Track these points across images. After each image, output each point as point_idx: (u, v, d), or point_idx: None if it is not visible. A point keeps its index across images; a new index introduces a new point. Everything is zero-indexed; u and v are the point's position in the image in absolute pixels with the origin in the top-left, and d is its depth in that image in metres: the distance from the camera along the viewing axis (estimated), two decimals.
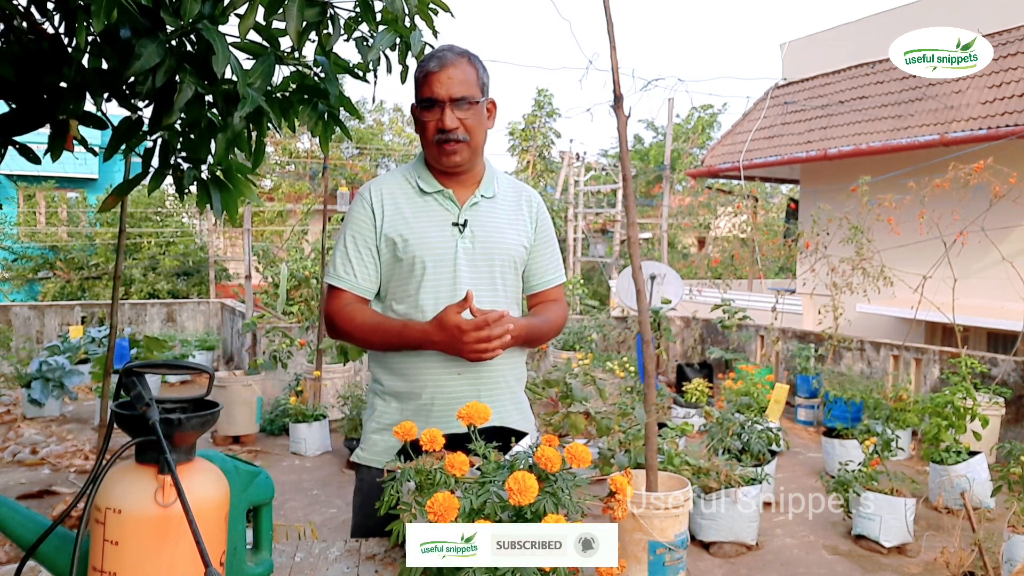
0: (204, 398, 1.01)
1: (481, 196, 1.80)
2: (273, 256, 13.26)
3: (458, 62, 1.71)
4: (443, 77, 1.69)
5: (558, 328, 1.88)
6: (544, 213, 1.92)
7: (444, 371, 1.72)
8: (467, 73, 1.71)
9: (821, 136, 10.24)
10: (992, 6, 8.70)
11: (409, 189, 1.79)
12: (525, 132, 26.08)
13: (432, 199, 1.78)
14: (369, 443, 1.80)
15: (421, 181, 1.79)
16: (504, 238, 1.80)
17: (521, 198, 1.89)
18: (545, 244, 1.90)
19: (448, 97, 1.68)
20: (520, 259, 1.84)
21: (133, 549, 0.91)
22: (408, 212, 1.76)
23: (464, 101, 1.70)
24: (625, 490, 1.25)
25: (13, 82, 1.70)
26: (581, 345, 9.03)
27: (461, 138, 1.71)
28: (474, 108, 1.72)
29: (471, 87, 1.71)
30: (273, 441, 6.65)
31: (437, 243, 1.74)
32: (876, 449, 4.40)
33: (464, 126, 1.71)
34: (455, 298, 1.71)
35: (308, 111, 1.98)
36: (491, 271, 1.78)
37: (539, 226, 1.89)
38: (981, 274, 8.06)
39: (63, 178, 17.04)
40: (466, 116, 1.71)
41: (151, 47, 1.54)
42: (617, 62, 2.88)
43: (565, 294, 2.03)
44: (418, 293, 1.73)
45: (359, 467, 1.81)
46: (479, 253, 1.76)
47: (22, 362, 7.81)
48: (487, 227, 1.79)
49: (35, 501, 4.85)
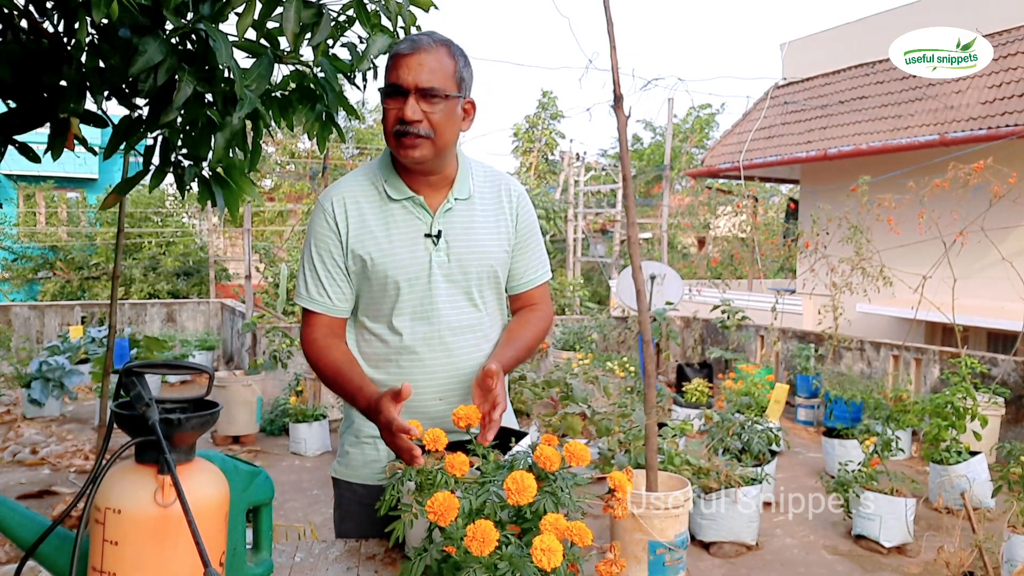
0: (204, 398, 1.00)
1: (455, 199, 1.61)
2: (273, 256, 13.28)
3: (434, 49, 1.49)
4: (412, 62, 1.47)
5: (542, 337, 1.74)
6: (526, 205, 1.73)
7: (427, 394, 1.60)
8: (442, 62, 1.49)
9: (821, 136, 10.24)
10: (992, 6, 8.70)
11: (374, 195, 1.60)
12: (528, 133, 26.08)
13: (400, 207, 1.59)
14: (347, 457, 1.70)
15: (388, 186, 1.59)
16: (483, 247, 1.63)
17: (500, 192, 1.69)
18: (528, 241, 1.72)
19: (414, 85, 1.46)
20: (502, 266, 1.67)
21: (133, 549, 0.91)
22: (374, 224, 1.58)
23: (432, 93, 1.47)
24: (625, 487, 1.25)
25: (12, 82, 1.70)
26: (581, 345, 9.04)
27: (423, 133, 1.48)
28: (444, 103, 1.49)
29: (444, 79, 1.49)
30: (273, 441, 6.65)
31: (409, 260, 1.57)
32: (876, 449, 4.40)
33: (429, 121, 1.48)
34: (433, 318, 1.59)
35: (306, 111, 1.98)
36: (468, 285, 1.62)
37: (520, 222, 1.70)
38: (981, 274, 8.06)
39: (63, 178, 17.03)
40: (433, 110, 1.48)
41: (153, 45, 1.54)
42: (617, 62, 2.87)
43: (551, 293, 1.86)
44: (392, 314, 1.59)
45: (337, 482, 1.72)
46: (455, 267, 1.59)
47: (22, 362, 7.81)
48: (463, 236, 1.61)
49: (35, 501, 4.85)
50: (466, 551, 1.06)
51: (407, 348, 1.60)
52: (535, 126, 26.07)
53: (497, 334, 1.70)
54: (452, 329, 1.60)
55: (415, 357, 1.60)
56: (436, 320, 1.59)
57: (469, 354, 1.62)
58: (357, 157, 22.98)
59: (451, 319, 1.60)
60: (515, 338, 1.66)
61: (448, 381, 1.61)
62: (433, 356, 1.60)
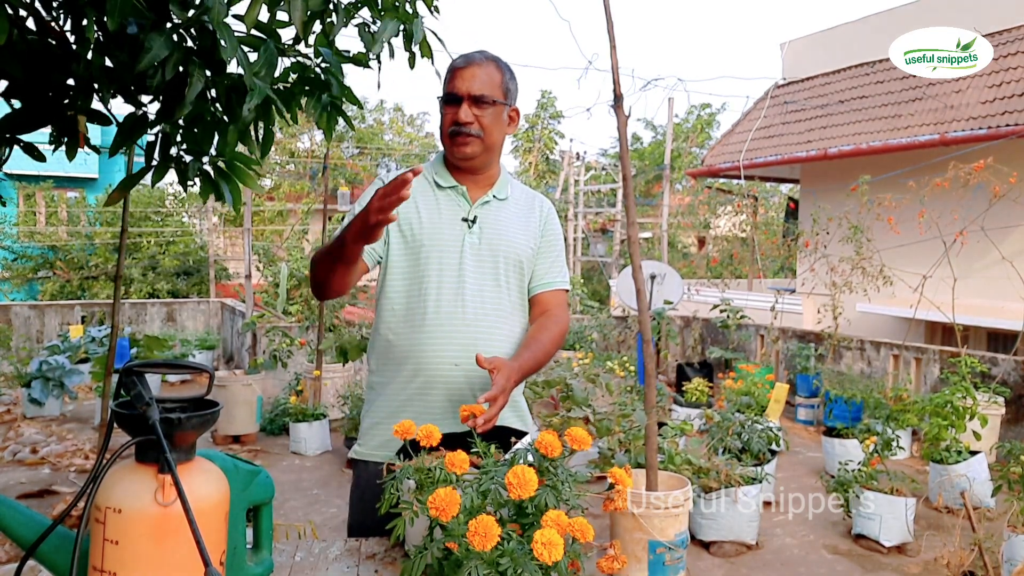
0: (204, 398, 1.00)
1: (493, 196, 1.83)
2: (273, 256, 13.28)
3: (484, 63, 1.76)
4: (466, 74, 1.74)
5: (559, 340, 1.84)
6: (554, 219, 1.94)
7: (440, 360, 1.72)
8: (491, 74, 1.76)
9: (821, 136, 10.24)
10: (992, 6, 8.70)
11: (425, 183, 1.82)
12: (528, 133, 26.09)
13: (445, 194, 1.81)
14: (366, 437, 1.80)
15: (437, 176, 1.82)
16: (511, 237, 1.82)
17: (534, 203, 1.92)
18: (551, 247, 1.91)
19: (468, 93, 1.72)
20: (527, 260, 1.84)
21: (133, 548, 0.91)
22: (421, 203, 1.79)
23: (483, 99, 1.73)
24: (625, 482, 1.26)
25: (21, 79, 1.69)
26: (581, 345, 9.03)
27: (474, 132, 1.74)
28: (493, 108, 1.75)
29: (493, 88, 1.75)
30: (273, 441, 6.65)
31: (446, 235, 1.76)
32: (876, 448, 4.40)
33: (480, 123, 1.74)
34: (459, 290, 1.73)
35: (312, 103, 1.98)
36: (495, 268, 1.79)
37: (546, 230, 1.91)
38: (981, 274, 8.05)
39: (62, 177, 17.02)
40: (483, 114, 1.74)
41: (159, 40, 1.53)
42: (617, 62, 2.87)
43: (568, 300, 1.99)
44: (423, 276, 1.75)
45: (356, 463, 1.82)
46: (485, 249, 1.78)
47: (22, 361, 7.81)
48: (496, 225, 1.81)
49: (35, 501, 4.85)
50: (467, 548, 1.06)
51: (431, 315, 1.73)
52: (534, 126, 26.08)
53: (517, 319, 1.84)
54: (475, 303, 1.74)
55: (437, 322, 1.73)
56: (461, 292, 1.74)
57: (487, 329, 1.76)
58: (357, 156, 22.99)
59: (475, 294, 1.75)
60: (533, 341, 1.79)
61: (465, 349, 1.71)
62: (454, 324, 1.73)
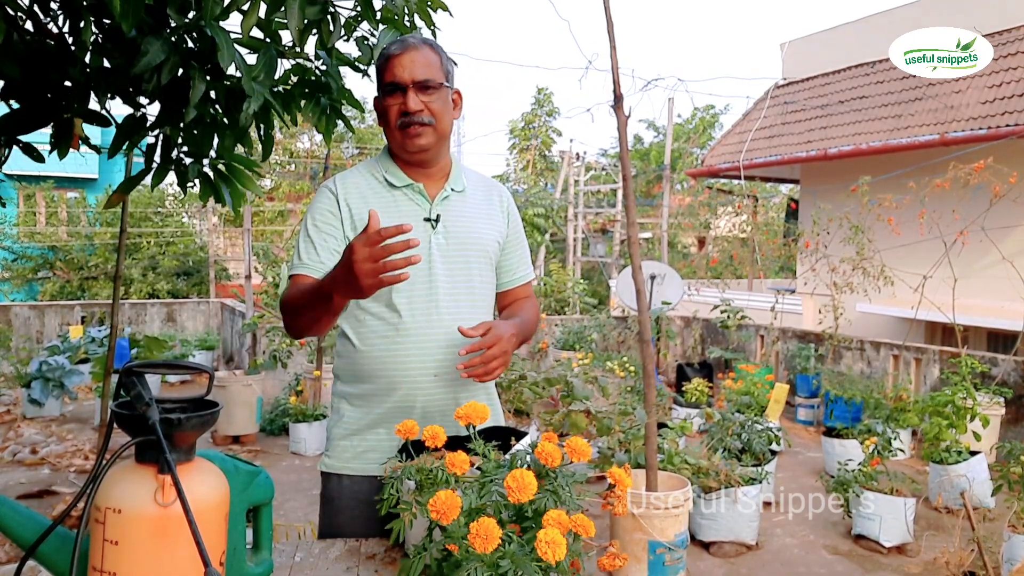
0: (204, 398, 1.00)
1: (452, 190, 1.72)
2: (273, 256, 13.26)
3: (421, 47, 1.64)
4: (405, 60, 1.61)
5: (536, 326, 1.82)
6: (515, 209, 1.86)
7: (419, 373, 1.64)
8: (430, 58, 1.64)
9: (821, 136, 10.24)
10: (992, 6, 8.70)
11: (376, 184, 1.70)
12: (525, 131, 26.09)
13: (401, 193, 1.69)
14: (337, 450, 1.71)
15: (388, 175, 1.69)
16: (478, 231, 1.72)
17: (492, 192, 1.82)
18: (517, 241, 1.84)
19: (411, 79, 1.60)
20: (494, 253, 1.76)
21: (133, 549, 0.91)
22: (377, 207, 1.60)
23: (428, 84, 1.61)
24: (624, 483, 1.25)
25: (19, 81, 1.69)
26: (581, 345, 9.03)
27: (426, 121, 1.62)
28: (439, 92, 1.63)
29: (434, 71, 1.63)
30: (273, 441, 6.65)
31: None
32: (876, 449, 4.40)
33: (429, 109, 1.62)
34: (431, 296, 1.64)
35: (311, 106, 1.98)
36: (467, 267, 1.70)
37: (511, 222, 1.82)
38: (981, 274, 8.05)
39: (62, 178, 17.01)
40: (430, 100, 1.62)
41: (156, 44, 1.54)
42: (617, 62, 2.87)
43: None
44: (391, 293, 1.62)
45: (328, 476, 1.75)
46: (453, 248, 1.68)
47: (22, 362, 7.81)
48: (460, 221, 1.70)
49: (35, 501, 4.85)
50: (467, 549, 1.06)
51: (405, 326, 1.64)
52: (531, 123, 26.08)
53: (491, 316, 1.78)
54: (450, 308, 1.66)
55: (412, 335, 1.64)
56: (434, 299, 1.65)
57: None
58: (357, 156, 22.98)
59: (449, 298, 1.66)
60: (514, 312, 1.77)
61: (444, 360, 1.64)
62: (430, 334, 1.64)
